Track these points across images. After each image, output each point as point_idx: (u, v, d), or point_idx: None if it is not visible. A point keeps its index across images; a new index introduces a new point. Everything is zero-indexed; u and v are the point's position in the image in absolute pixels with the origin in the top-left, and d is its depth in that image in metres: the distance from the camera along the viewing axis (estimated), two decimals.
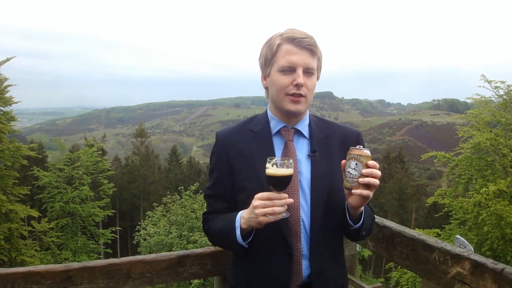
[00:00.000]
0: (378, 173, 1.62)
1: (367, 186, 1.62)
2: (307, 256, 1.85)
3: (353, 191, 1.64)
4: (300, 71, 1.79)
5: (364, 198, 1.64)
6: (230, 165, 1.94)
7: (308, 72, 1.82)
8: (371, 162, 1.62)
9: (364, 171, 1.61)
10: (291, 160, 1.66)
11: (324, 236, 1.86)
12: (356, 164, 1.63)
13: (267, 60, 1.87)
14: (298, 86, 1.79)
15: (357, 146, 1.67)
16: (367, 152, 1.64)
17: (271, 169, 1.64)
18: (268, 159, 1.66)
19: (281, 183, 1.65)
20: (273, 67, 1.84)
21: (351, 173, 1.64)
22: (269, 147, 1.90)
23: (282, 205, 1.63)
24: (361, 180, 1.61)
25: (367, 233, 1.91)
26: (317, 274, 1.86)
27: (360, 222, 1.81)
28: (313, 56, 1.82)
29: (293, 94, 1.81)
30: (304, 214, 1.84)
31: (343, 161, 1.68)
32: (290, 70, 1.80)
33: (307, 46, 1.79)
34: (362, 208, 1.77)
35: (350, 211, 1.79)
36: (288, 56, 1.79)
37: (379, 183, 1.63)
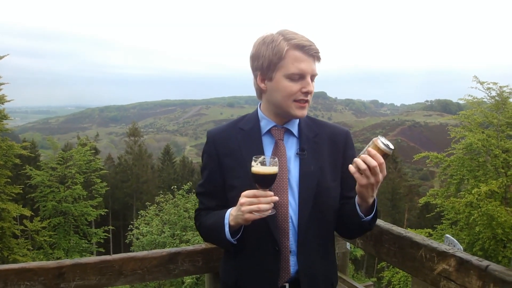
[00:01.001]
0: (371, 161, 1.62)
1: (360, 171, 1.65)
2: (295, 252, 1.88)
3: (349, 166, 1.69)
4: (309, 79, 1.82)
5: (361, 185, 1.67)
6: (221, 163, 1.97)
7: (312, 78, 1.85)
8: (372, 150, 1.63)
9: (362, 156, 1.64)
10: (276, 159, 1.69)
11: (312, 233, 1.88)
12: (365, 149, 1.66)
13: (272, 64, 1.84)
14: (307, 93, 1.83)
15: (379, 136, 1.68)
16: (378, 142, 1.64)
17: (256, 167, 1.67)
18: (253, 158, 1.69)
19: (266, 181, 1.68)
20: (278, 72, 1.83)
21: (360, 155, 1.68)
22: (258, 145, 1.93)
23: (267, 203, 1.66)
24: (354, 159, 1.65)
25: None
26: (305, 270, 1.88)
27: (373, 213, 1.82)
28: (315, 62, 1.85)
29: (300, 101, 1.84)
30: (292, 211, 1.87)
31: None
32: (299, 77, 1.81)
33: (314, 53, 1.82)
34: (372, 199, 1.76)
35: (357, 202, 1.80)
36: (298, 64, 1.80)
37: (365, 167, 1.63)
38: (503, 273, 1.65)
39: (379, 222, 2.30)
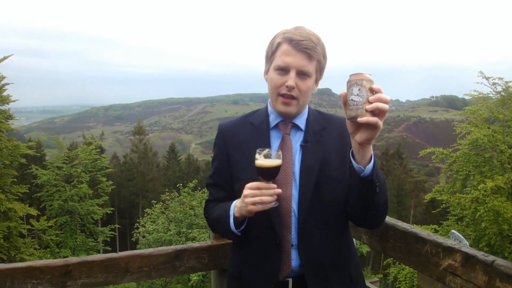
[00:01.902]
0: (386, 97, 1.50)
1: (375, 114, 1.50)
2: (296, 246, 1.88)
3: (358, 119, 1.51)
4: (293, 74, 1.81)
5: (372, 128, 1.53)
6: (229, 156, 2.01)
7: (302, 74, 1.84)
8: (375, 86, 1.50)
9: (371, 98, 1.50)
10: (279, 152, 1.71)
11: (313, 225, 1.87)
12: (359, 89, 1.50)
13: (268, 57, 1.91)
14: (288, 87, 1.82)
15: (357, 71, 1.53)
16: (368, 75, 1.51)
17: (260, 160, 1.70)
18: (257, 150, 1.72)
19: (269, 174, 1.70)
20: (271, 64, 1.88)
21: (354, 100, 1.51)
22: (265, 140, 1.95)
23: (270, 195, 1.69)
24: (368, 107, 1.49)
25: (381, 191, 1.72)
26: (309, 264, 1.87)
27: (371, 163, 1.65)
28: (310, 59, 1.83)
29: (284, 95, 1.85)
30: (296, 204, 1.87)
31: (343, 92, 1.55)
32: (284, 70, 1.83)
33: (303, 49, 1.81)
34: (370, 149, 1.64)
35: (356, 157, 1.65)
36: (284, 57, 1.82)
37: (388, 108, 1.51)
38: (509, 268, 1.64)
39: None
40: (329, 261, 1.92)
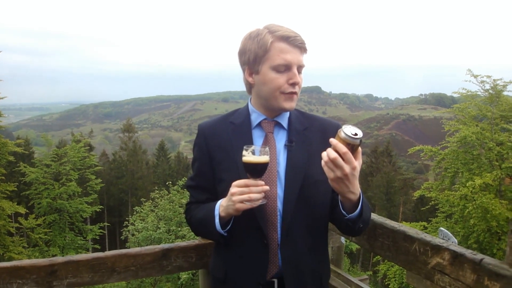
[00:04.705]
0: (330, 152, 1.56)
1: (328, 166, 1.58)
2: (280, 245, 1.87)
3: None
4: (295, 70, 1.81)
5: (329, 179, 1.60)
6: (211, 156, 1.97)
7: (299, 70, 1.84)
8: (332, 140, 1.56)
9: (328, 149, 1.56)
10: (267, 148, 1.70)
11: (297, 225, 1.87)
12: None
13: (257, 57, 1.84)
14: (294, 84, 1.82)
15: (344, 125, 1.58)
16: (340, 132, 1.55)
17: (247, 157, 1.68)
18: (245, 147, 1.70)
19: (257, 170, 1.69)
20: (264, 64, 1.83)
21: None
22: (248, 138, 1.92)
23: (258, 192, 1.67)
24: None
25: (364, 225, 1.83)
26: (289, 263, 1.87)
27: (357, 211, 1.74)
28: (302, 53, 1.85)
29: (288, 93, 1.83)
30: (281, 203, 1.85)
31: None
32: (285, 69, 1.81)
33: (300, 44, 1.82)
34: (357, 197, 1.69)
35: (341, 200, 1.75)
36: (283, 55, 1.79)
37: (327, 160, 1.56)
38: (497, 266, 1.64)
39: (373, 216, 2.29)
40: (307, 263, 1.92)
